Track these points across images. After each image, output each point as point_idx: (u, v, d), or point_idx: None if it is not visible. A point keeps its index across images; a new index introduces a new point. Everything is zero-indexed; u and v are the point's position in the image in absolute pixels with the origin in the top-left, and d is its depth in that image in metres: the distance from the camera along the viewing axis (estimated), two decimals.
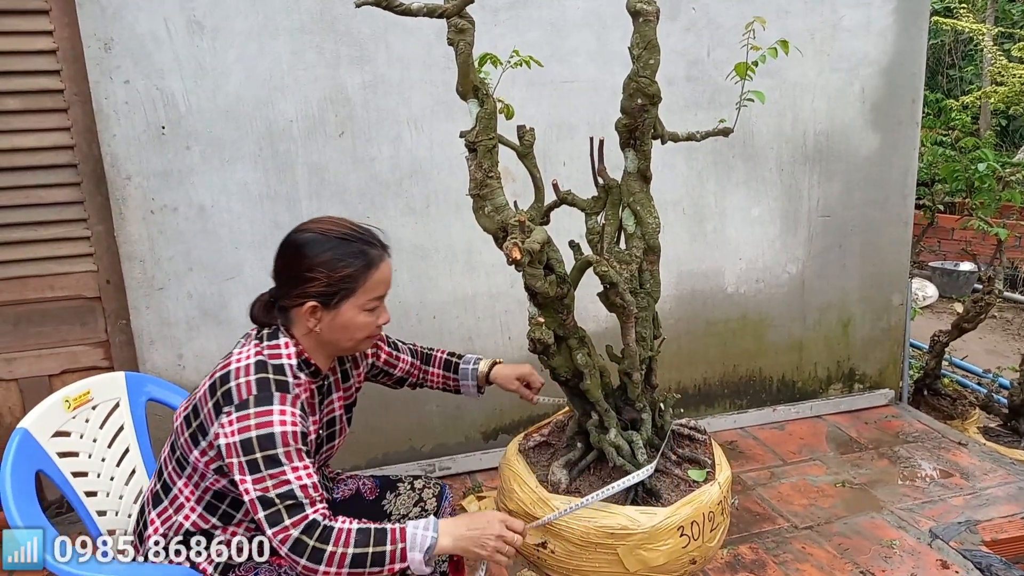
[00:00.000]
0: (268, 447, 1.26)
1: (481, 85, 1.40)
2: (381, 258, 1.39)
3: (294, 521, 1.24)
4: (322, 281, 1.34)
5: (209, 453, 1.35)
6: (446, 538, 1.31)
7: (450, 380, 1.75)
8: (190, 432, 1.38)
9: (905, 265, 3.46)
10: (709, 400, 3.29)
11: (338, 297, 1.35)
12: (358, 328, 1.39)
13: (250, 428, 1.26)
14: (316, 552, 1.23)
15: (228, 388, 1.30)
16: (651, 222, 1.54)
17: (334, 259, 1.34)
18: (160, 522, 1.44)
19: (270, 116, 2.52)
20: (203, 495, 1.41)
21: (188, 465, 1.40)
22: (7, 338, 2.51)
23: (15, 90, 2.34)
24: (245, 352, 1.35)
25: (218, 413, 1.30)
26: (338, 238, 1.36)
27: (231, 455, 1.27)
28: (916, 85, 3.25)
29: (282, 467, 1.26)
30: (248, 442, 1.26)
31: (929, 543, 2.42)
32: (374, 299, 1.39)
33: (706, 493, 1.51)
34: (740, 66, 1.48)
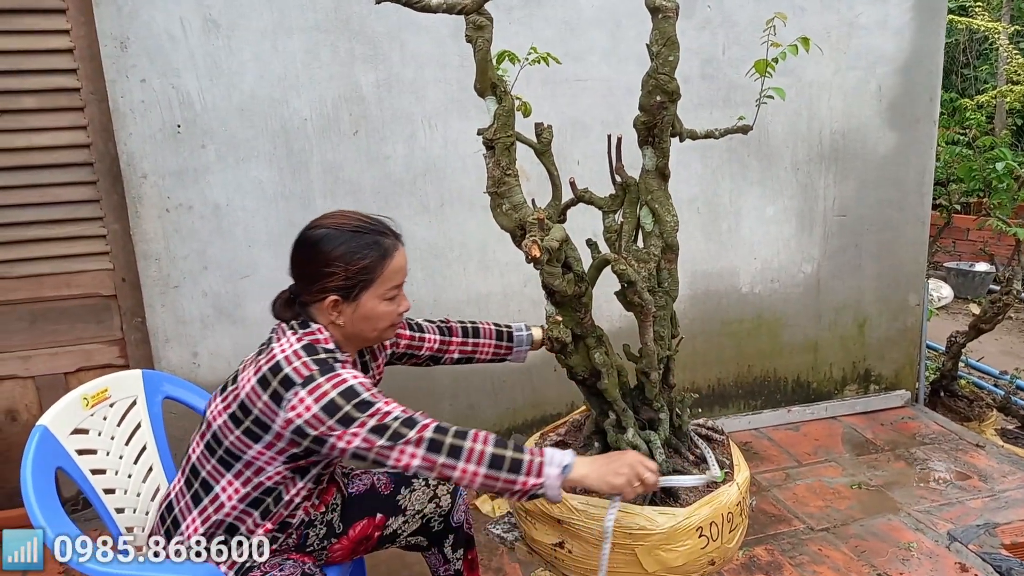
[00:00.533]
0: (353, 397, 1.26)
1: (499, 82, 1.40)
2: (395, 247, 1.40)
3: (419, 428, 1.25)
4: (340, 275, 1.35)
5: (278, 444, 1.33)
6: (582, 465, 1.29)
7: (502, 348, 1.75)
8: (242, 430, 1.35)
9: (922, 265, 3.43)
10: (723, 401, 3.27)
11: (357, 289, 1.36)
12: (380, 317, 1.40)
13: (327, 392, 1.26)
14: (454, 449, 1.24)
15: (285, 374, 1.29)
16: (669, 220, 1.52)
17: (349, 252, 1.35)
18: (200, 521, 1.42)
19: (285, 114, 2.52)
20: (252, 491, 1.39)
21: (240, 462, 1.37)
22: (24, 336, 2.52)
23: (32, 88, 2.36)
24: (286, 342, 1.34)
25: (279, 400, 1.28)
26: (351, 231, 1.37)
27: (316, 425, 1.25)
28: (933, 83, 3.22)
29: (375, 404, 1.26)
30: (331, 403, 1.25)
31: (947, 546, 2.40)
32: (393, 287, 1.40)
33: (725, 494, 1.49)
34: (760, 63, 1.47)
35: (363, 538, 1.64)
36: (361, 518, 1.64)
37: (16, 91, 2.34)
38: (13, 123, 2.36)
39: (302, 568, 1.44)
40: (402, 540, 1.71)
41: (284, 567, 1.43)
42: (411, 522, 1.70)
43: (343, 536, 1.61)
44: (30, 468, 1.40)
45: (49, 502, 1.38)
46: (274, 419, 1.30)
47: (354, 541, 1.63)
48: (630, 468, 1.30)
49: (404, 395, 2.86)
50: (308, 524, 1.54)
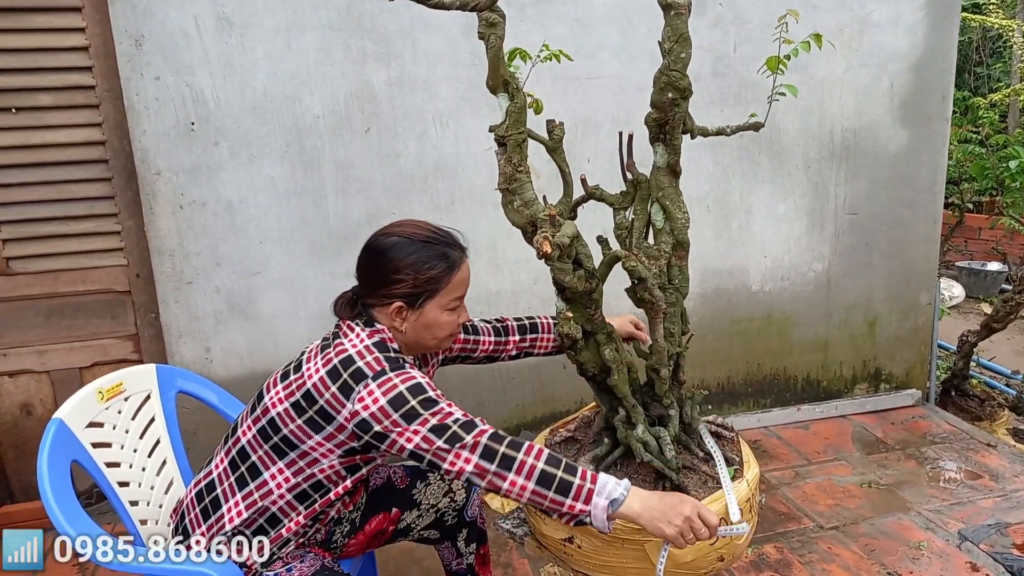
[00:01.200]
0: (420, 393, 1.29)
1: (511, 79, 1.40)
2: (462, 259, 1.44)
3: (476, 433, 1.26)
4: (408, 283, 1.38)
5: (339, 436, 1.33)
6: (635, 501, 1.25)
7: (526, 340, 1.77)
8: (304, 419, 1.34)
9: (933, 264, 3.41)
10: (733, 399, 3.27)
11: (423, 298, 1.39)
12: (441, 327, 1.43)
13: (396, 386, 1.28)
14: (506, 459, 1.25)
15: (357, 367, 1.31)
16: (680, 217, 1.53)
17: (419, 261, 1.38)
18: (245, 505, 1.41)
19: (297, 112, 2.54)
20: (303, 482, 1.39)
21: (295, 451, 1.37)
22: (40, 331, 2.55)
23: (48, 86, 2.38)
24: (357, 337, 1.37)
25: (348, 393, 1.30)
26: (423, 241, 1.40)
27: (382, 418, 1.27)
28: (946, 81, 3.20)
29: (439, 404, 1.29)
30: (399, 396, 1.28)
31: (958, 545, 2.39)
32: (455, 299, 1.43)
33: (734, 490, 1.49)
34: (772, 60, 1.47)
35: (378, 532, 1.66)
36: (377, 512, 1.66)
37: (32, 88, 2.37)
38: (30, 120, 2.39)
39: (322, 561, 1.46)
40: (415, 533, 1.73)
41: (305, 559, 1.45)
42: (425, 516, 1.71)
43: (359, 531, 1.63)
44: (46, 461, 1.41)
45: (65, 495, 1.40)
46: (340, 411, 1.31)
47: (369, 536, 1.64)
48: (685, 521, 1.23)
49: None
50: (336, 522, 1.55)
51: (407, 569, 2.34)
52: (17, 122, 2.38)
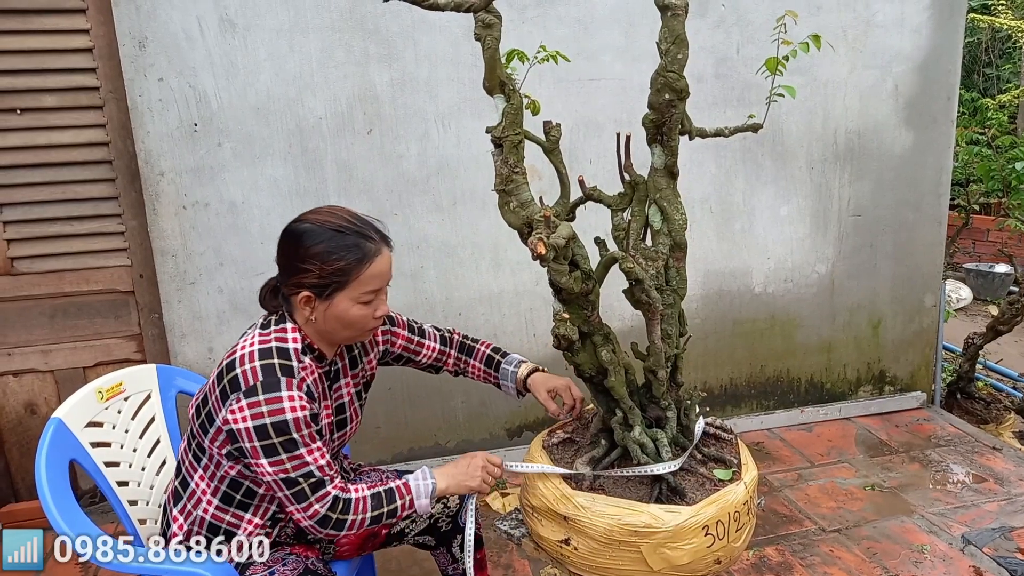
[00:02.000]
0: (284, 432, 1.30)
1: (508, 80, 1.40)
2: (377, 252, 1.38)
3: (318, 497, 1.33)
4: (314, 273, 1.34)
5: (218, 439, 1.39)
6: (441, 480, 1.46)
7: (491, 376, 1.74)
8: (199, 422, 1.41)
9: (938, 266, 3.39)
10: (736, 401, 3.26)
11: (330, 289, 1.36)
12: (353, 320, 1.39)
13: (263, 415, 1.29)
14: (339, 522, 1.35)
15: (235, 375, 1.32)
16: (678, 218, 1.52)
17: (327, 252, 1.34)
18: (183, 518, 1.47)
19: (300, 113, 2.55)
20: (219, 485, 1.44)
21: (204, 455, 1.43)
22: (44, 330, 2.57)
23: (52, 87, 2.40)
24: (250, 339, 1.37)
25: (224, 399, 1.33)
26: (333, 230, 1.36)
27: (246, 439, 1.30)
28: (951, 82, 3.19)
29: (299, 450, 1.31)
30: (263, 428, 1.29)
31: (961, 549, 2.37)
32: (368, 292, 1.38)
33: (732, 492, 1.49)
34: (771, 61, 1.46)
35: (370, 535, 1.66)
36: None
37: (37, 89, 2.39)
38: (35, 121, 2.41)
39: (305, 564, 1.46)
40: (410, 539, 1.73)
41: (287, 562, 1.45)
42: (418, 521, 1.71)
43: None
44: (44, 459, 1.42)
45: (62, 493, 1.41)
46: (217, 414, 1.35)
47: (361, 537, 1.64)
48: (481, 470, 1.49)
49: (418, 391, 2.87)
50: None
51: (408, 569, 2.34)
52: (22, 123, 2.40)
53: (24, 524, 2.55)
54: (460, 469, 1.49)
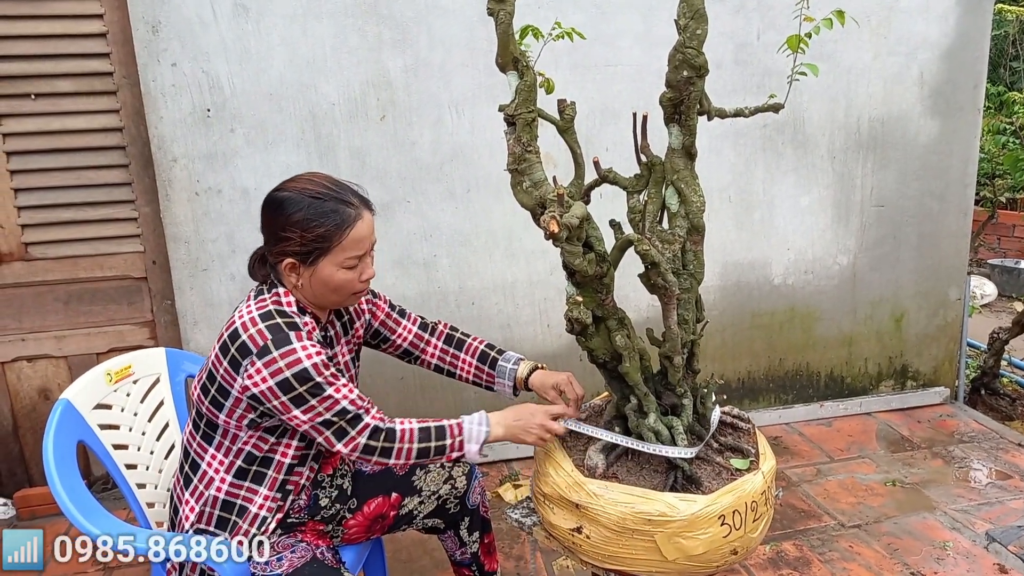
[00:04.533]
0: (307, 380, 1.30)
1: (521, 57, 1.37)
2: (357, 216, 1.38)
3: (359, 430, 1.35)
4: (296, 240, 1.35)
5: (237, 409, 1.37)
6: (498, 428, 1.46)
7: (483, 374, 1.68)
8: (210, 399, 1.40)
9: (964, 258, 3.31)
10: (753, 394, 3.21)
11: (313, 256, 1.37)
12: (339, 285, 1.40)
13: (282, 370, 1.30)
14: (385, 450, 1.37)
15: (241, 341, 1.32)
16: (695, 201, 1.48)
17: (306, 219, 1.35)
18: (195, 501, 1.45)
19: (313, 99, 2.53)
20: (234, 460, 1.43)
21: (216, 433, 1.42)
22: (58, 316, 2.57)
23: (67, 72, 2.39)
24: (245, 308, 1.38)
25: (237, 367, 1.33)
26: (312, 197, 1.36)
27: (271, 398, 1.31)
28: (979, 70, 3.11)
29: (327, 391, 1.32)
30: (285, 381, 1.30)
31: (985, 546, 2.31)
32: (352, 257, 1.39)
33: (749, 482, 1.45)
34: (792, 39, 1.42)
35: (379, 516, 1.64)
36: (376, 495, 1.64)
37: (51, 75, 2.39)
38: (49, 106, 2.41)
39: (314, 552, 1.44)
40: (419, 522, 1.70)
41: (296, 549, 1.44)
42: (427, 503, 1.69)
43: (358, 512, 1.61)
44: (52, 438, 1.42)
45: (69, 472, 1.40)
46: (232, 384, 1.34)
47: (369, 518, 1.62)
48: (539, 428, 1.47)
49: (430, 381, 2.84)
50: (316, 484, 1.53)
51: (419, 559, 2.32)
52: (37, 108, 2.40)
53: (37, 509, 2.56)
54: (519, 421, 1.47)
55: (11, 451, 2.66)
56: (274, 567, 1.40)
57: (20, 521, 2.57)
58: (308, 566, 1.41)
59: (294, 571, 1.40)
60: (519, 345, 2.89)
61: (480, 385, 1.71)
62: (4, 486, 2.67)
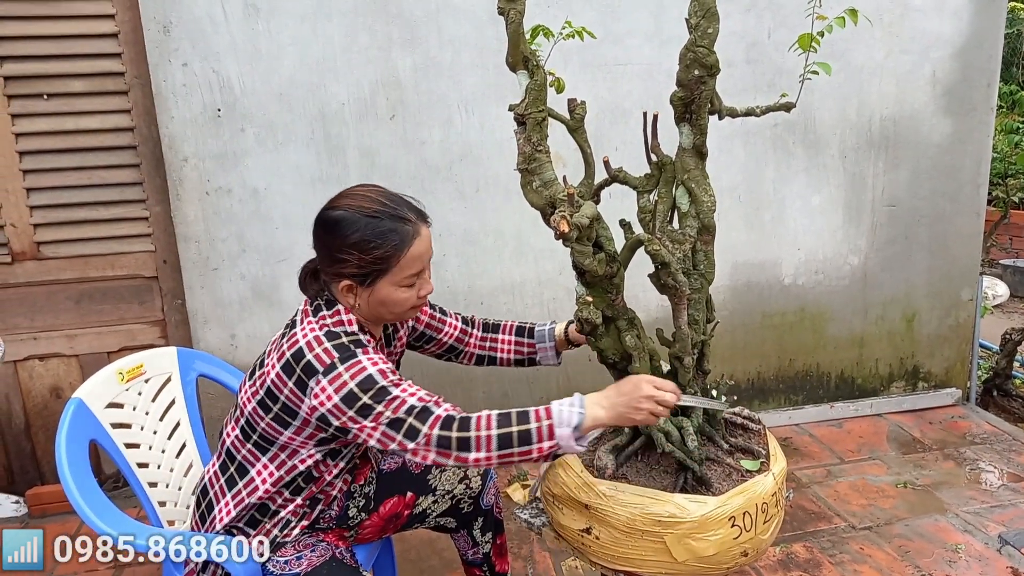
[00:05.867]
0: (370, 387, 1.24)
1: (531, 56, 1.37)
2: (415, 233, 1.33)
3: (430, 423, 1.22)
4: (353, 263, 1.30)
5: (307, 429, 1.32)
6: (597, 409, 1.26)
7: (524, 346, 1.67)
8: (272, 416, 1.34)
9: (976, 259, 3.29)
10: (763, 395, 3.19)
11: (371, 277, 1.32)
12: (397, 303, 1.36)
13: (346, 383, 1.24)
14: (462, 441, 1.22)
15: (307, 361, 1.27)
16: (706, 200, 1.47)
17: (363, 240, 1.29)
18: (234, 505, 1.42)
19: (323, 99, 2.53)
20: (286, 474, 1.39)
21: (274, 446, 1.37)
22: (70, 315, 2.59)
23: (79, 72, 2.41)
24: (308, 327, 1.32)
25: (304, 387, 1.27)
26: (369, 216, 1.30)
27: (339, 415, 1.25)
28: (992, 69, 3.08)
29: (392, 394, 1.24)
30: (350, 394, 1.24)
31: (998, 549, 2.29)
32: (411, 275, 1.34)
33: (759, 484, 1.44)
34: (804, 37, 1.41)
35: (393, 515, 1.64)
36: (392, 495, 1.64)
37: (64, 75, 2.40)
38: (61, 106, 2.42)
39: (333, 551, 1.44)
40: (431, 520, 1.70)
41: (316, 548, 1.44)
42: (441, 502, 1.69)
43: (374, 512, 1.61)
44: (64, 437, 1.42)
45: (82, 471, 1.40)
46: (300, 406, 1.29)
47: (384, 518, 1.62)
48: (648, 401, 1.26)
49: (439, 384, 2.85)
50: (348, 496, 1.54)
51: (428, 559, 2.32)
52: (49, 108, 2.41)
53: (49, 507, 2.58)
54: (623, 396, 1.27)
55: (23, 449, 2.68)
56: (293, 566, 1.40)
57: (32, 519, 2.59)
58: (327, 565, 1.41)
59: (313, 570, 1.40)
60: None
61: (522, 363, 1.68)
62: (16, 484, 2.69)
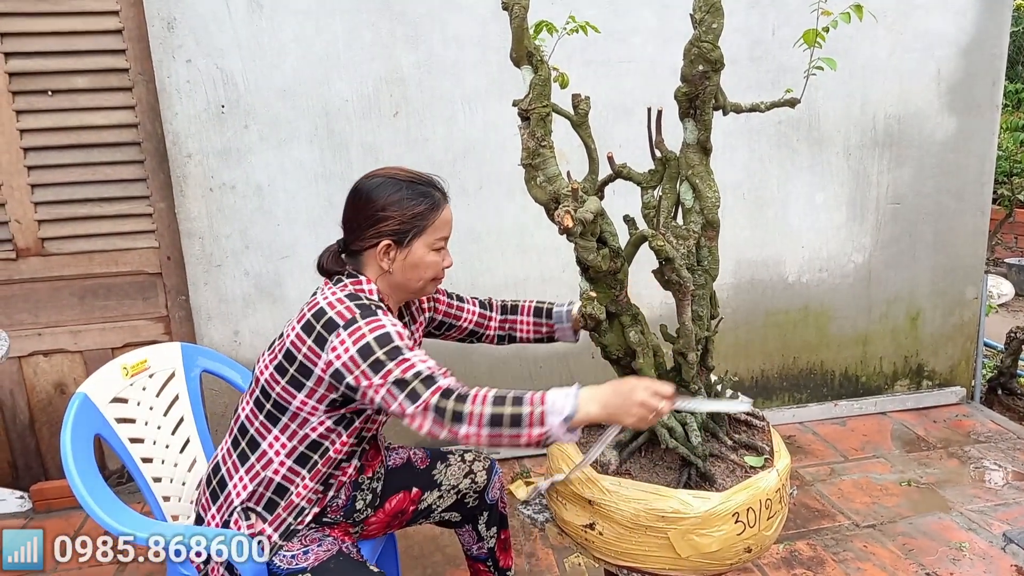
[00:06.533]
0: (386, 343, 1.29)
1: (535, 51, 1.37)
2: (444, 201, 1.47)
3: (432, 391, 1.26)
4: (395, 219, 1.40)
5: (319, 389, 1.35)
6: (591, 404, 1.25)
7: (542, 326, 1.74)
8: (287, 379, 1.37)
9: (981, 257, 3.28)
10: (767, 393, 3.19)
11: (411, 235, 1.41)
12: (427, 267, 1.45)
13: (364, 335, 1.29)
14: (456, 414, 1.24)
15: (328, 317, 1.32)
16: (710, 196, 1.47)
17: (404, 199, 1.41)
18: (249, 479, 1.42)
19: (326, 95, 2.53)
20: (298, 444, 1.40)
21: (285, 414, 1.39)
22: (74, 311, 2.59)
23: (84, 69, 2.41)
24: (330, 291, 1.39)
25: (323, 343, 1.31)
26: (406, 181, 1.44)
27: (352, 368, 1.28)
28: (997, 66, 3.07)
29: (404, 355, 1.29)
30: (366, 346, 1.28)
31: (1003, 547, 2.29)
32: (441, 238, 1.45)
33: (763, 480, 1.44)
34: (809, 33, 1.41)
35: (398, 512, 1.64)
36: (397, 491, 1.64)
37: (68, 71, 2.40)
38: (65, 103, 2.42)
39: (339, 546, 1.44)
40: (436, 515, 1.71)
41: (323, 543, 1.44)
42: (446, 497, 1.69)
43: (380, 508, 1.61)
44: (69, 431, 1.43)
45: (87, 465, 1.41)
46: (316, 362, 1.32)
47: (390, 515, 1.62)
48: (640, 408, 1.25)
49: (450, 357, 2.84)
50: (356, 486, 1.54)
51: (431, 555, 2.32)
52: (53, 104, 2.42)
53: (54, 502, 2.58)
54: (618, 397, 1.26)
55: (28, 444, 2.68)
56: (300, 560, 1.40)
57: (36, 514, 2.59)
58: (334, 559, 1.41)
59: (320, 564, 1.40)
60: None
61: (542, 340, 1.77)
62: (21, 479, 2.69)
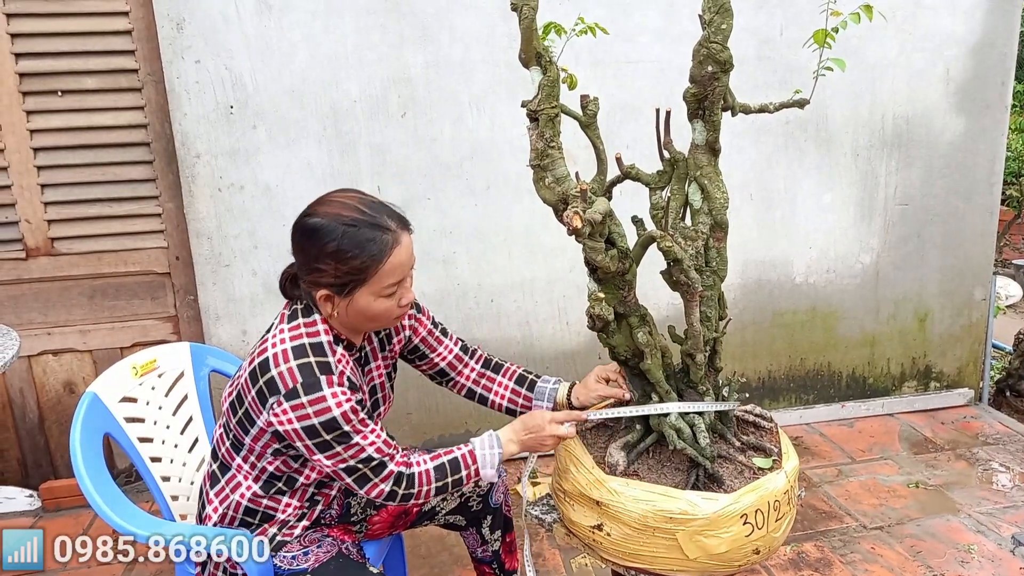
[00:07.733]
0: (334, 428, 1.27)
1: (544, 52, 1.37)
2: (395, 242, 1.29)
3: (382, 478, 1.33)
4: (330, 272, 1.27)
5: (263, 438, 1.35)
6: (511, 445, 1.45)
7: (520, 397, 1.63)
8: (237, 419, 1.37)
9: (989, 258, 3.26)
10: (774, 394, 3.18)
11: (349, 288, 1.29)
12: (377, 313, 1.34)
13: (309, 416, 1.25)
14: (406, 496, 1.37)
15: (271, 377, 1.27)
16: (719, 197, 1.47)
17: (340, 250, 1.25)
18: (219, 502, 1.44)
19: (334, 96, 2.54)
20: (260, 474, 1.41)
21: (244, 447, 1.39)
22: (83, 310, 2.60)
23: (92, 69, 2.42)
24: (279, 336, 1.31)
25: (264, 401, 1.28)
26: (346, 225, 1.26)
27: (296, 439, 1.28)
28: (1007, 66, 3.05)
29: (354, 439, 1.29)
30: (312, 428, 1.26)
31: (1011, 550, 2.28)
32: (390, 285, 1.31)
33: (771, 481, 1.44)
34: (819, 33, 1.40)
35: (402, 512, 1.64)
36: None
37: (78, 72, 2.41)
38: (75, 103, 2.44)
39: (339, 547, 1.44)
40: (440, 518, 1.71)
41: (323, 544, 1.44)
42: (449, 499, 1.69)
43: (382, 509, 1.61)
44: (79, 431, 1.43)
45: (95, 464, 1.41)
46: (259, 416, 1.32)
47: (393, 515, 1.63)
48: (551, 438, 1.45)
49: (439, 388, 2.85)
50: (349, 493, 1.54)
51: (438, 555, 2.32)
52: (63, 105, 2.43)
53: (63, 501, 2.60)
54: (531, 434, 1.45)
55: (37, 443, 2.70)
56: (300, 562, 1.40)
57: (45, 512, 2.61)
58: (334, 561, 1.41)
59: (320, 566, 1.40)
60: (537, 342, 2.89)
61: (513, 412, 1.63)
62: (30, 478, 2.71)
